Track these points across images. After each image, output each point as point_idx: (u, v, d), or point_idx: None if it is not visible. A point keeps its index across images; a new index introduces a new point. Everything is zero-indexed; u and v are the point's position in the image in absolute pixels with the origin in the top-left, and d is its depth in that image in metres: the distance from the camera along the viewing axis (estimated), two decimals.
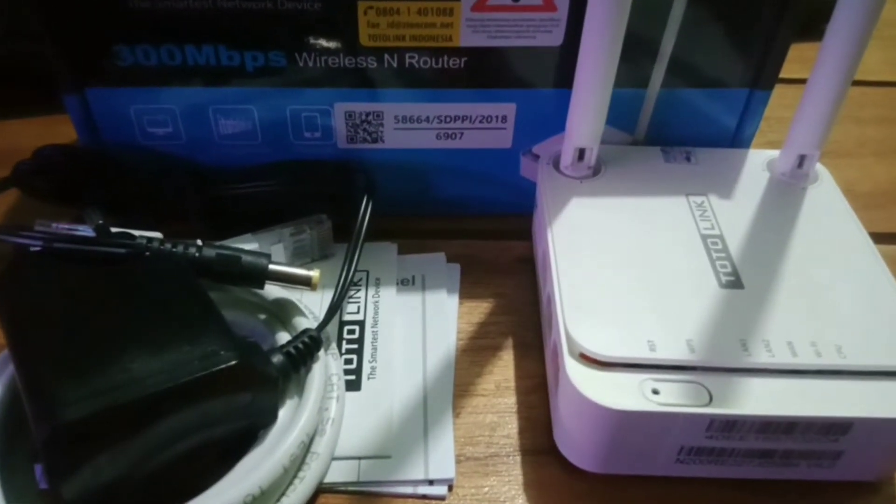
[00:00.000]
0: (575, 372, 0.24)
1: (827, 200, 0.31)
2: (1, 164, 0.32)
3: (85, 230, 0.27)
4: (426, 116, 0.33)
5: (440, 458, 0.26)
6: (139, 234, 0.27)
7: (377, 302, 0.32)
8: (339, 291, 0.28)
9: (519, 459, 0.26)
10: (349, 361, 0.29)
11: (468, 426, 0.27)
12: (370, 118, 0.32)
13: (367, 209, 0.31)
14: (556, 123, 0.33)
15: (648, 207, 0.30)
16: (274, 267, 0.27)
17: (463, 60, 0.31)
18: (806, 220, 0.30)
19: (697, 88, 0.32)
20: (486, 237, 0.36)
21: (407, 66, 0.31)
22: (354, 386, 0.28)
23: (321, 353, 0.26)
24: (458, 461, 0.26)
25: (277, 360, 0.25)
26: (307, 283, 0.27)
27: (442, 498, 0.25)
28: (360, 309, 0.31)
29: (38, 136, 0.35)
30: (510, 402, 0.28)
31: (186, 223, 0.32)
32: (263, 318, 0.28)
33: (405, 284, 0.33)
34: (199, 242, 0.27)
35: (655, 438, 0.24)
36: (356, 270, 0.30)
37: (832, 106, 0.29)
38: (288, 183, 0.33)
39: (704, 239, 0.29)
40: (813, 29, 0.41)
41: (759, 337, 0.24)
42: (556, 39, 0.30)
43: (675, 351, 0.24)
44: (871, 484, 0.26)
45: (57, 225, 0.27)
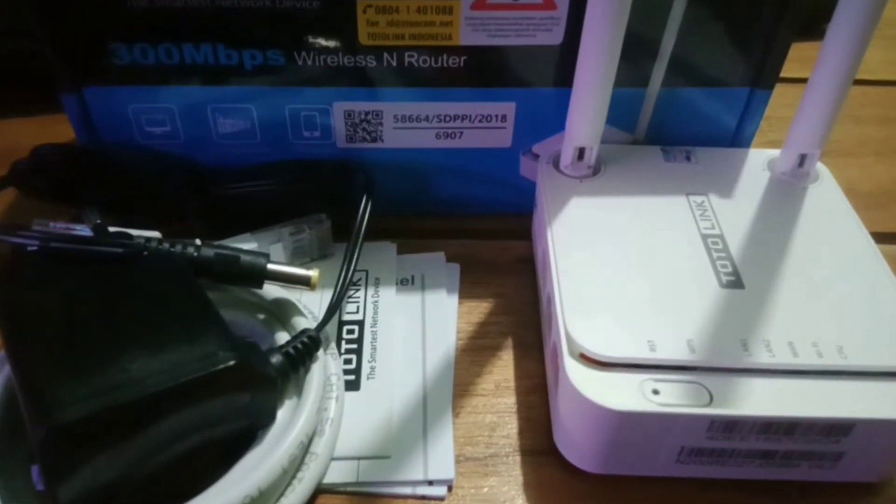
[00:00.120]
0: (575, 372, 0.24)
1: (828, 200, 0.31)
2: None
3: (83, 230, 0.26)
4: (426, 116, 0.32)
5: (439, 458, 0.26)
6: (137, 233, 0.27)
7: (376, 302, 0.32)
8: (338, 291, 0.28)
9: (518, 460, 0.26)
10: (348, 361, 0.29)
11: (468, 426, 0.27)
12: (369, 117, 0.32)
13: (366, 209, 0.31)
14: (555, 123, 0.33)
15: (649, 207, 0.30)
16: (273, 266, 0.27)
17: (462, 59, 0.31)
18: (807, 219, 0.29)
19: (698, 87, 0.32)
20: (485, 237, 0.36)
21: (406, 64, 0.31)
22: (354, 386, 0.28)
23: (320, 353, 0.26)
24: (457, 461, 0.26)
25: (276, 360, 0.25)
26: (306, 282, 0.27)
27: (441, 498, 0.25)
28: (359, 309, 0.31)
29: (35, 135, 0.35)
30: (510, 402, 0.28)
31: (185, 223, 0.32)
32: (262, 317, 0.28)
33: (405, 284, 0.33)
34: (197, 242, 0.27)
35: (656, 439, 0.23)
36: (355, 270, 0.29)
37: (833, 105, 0.29)
38: (287, 182, 0.33)
39: (705, 238, 0.28)
40: (813, 28, 0.41)
41: (759, 337, 0.24)
42: (555, 38, 0.30)
43: (675, 351, 0.24)
44: (872, 485, 0.26)
45: (54, 224, 0.27)
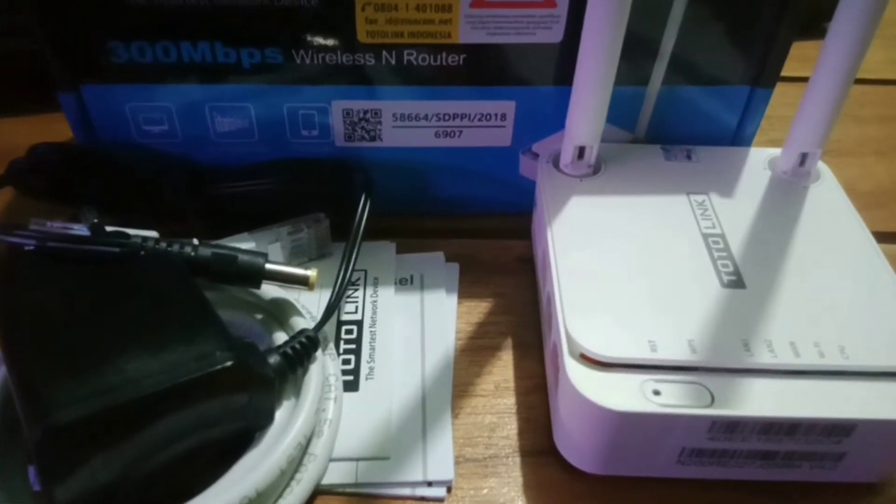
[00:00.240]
0: (575, 372, 0.24)
1: (829, 199, 0.31)
2: None
3: (80, 229, 0.26)
4: (425, 114, 0.32)
5: (439, 459, 0.26)
6: (135, 233, 0.27)
7: (375, 302, 0.31)
8: (336, 291, 0.28)
9: (518, 460, 0.26)
10: (347, 362, 0.29)
11: (467, 427, 0.27)
12: (368, 116, 0.32)
13: (365, 208, 0.31)
14: (555, 121, 0.33)
15: (649, 206, 0.30)
16: (271, 266, 0.27)
17: (462, 57, 0.30)
18: (808, 218, 0.29)
19: (698, 86, 0.32)
20: (485, 236, 0.35)
21: (405, 63, 0.30)
22: (352, 386, 0.28)
23: (318, 353, 0.26)
24: (456, 462, 0.26)
25: (274, 360, 0.25)
26: (304, 282, 0.27)
27: (441, 499, 0.25)
28: (358, 309, 0.31)
29: (33, 134, 0.35)
30: (509, 402, 0.28)
31: (183, 222, 0.31)
32: (260, 318, 0.28)
33: (404, 284, 0.33)
34: (195, 241, 0.27)
35: (656, 440, 0.23)
36: (354, 270, 0.29)
37: (834, 104, 0.29)
38: (285, 182, 0.32)
39: (706, 238, 0.28)
40: (814, 27, 0.41)
41: (761, 337, 0.24)
42: (555, 36, 0.30)
43: (676, 351, 0.24)
44: (873, 485, 0.25)
45: (52, 224, 0.27)
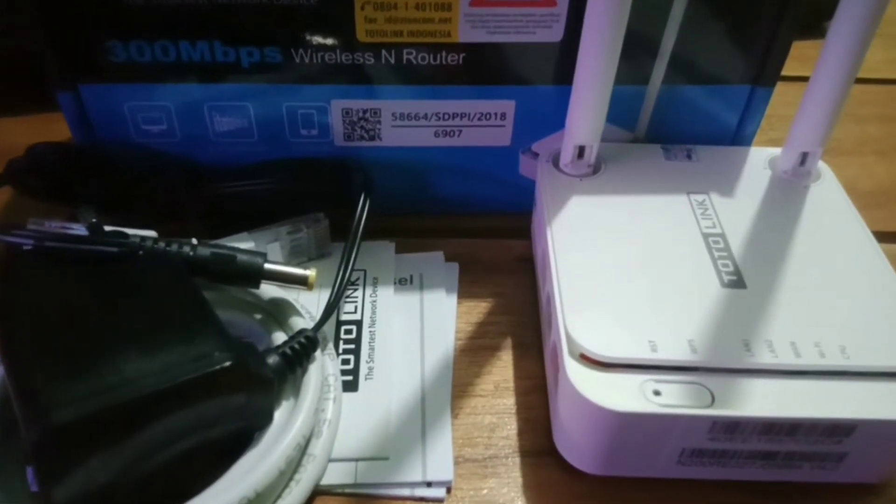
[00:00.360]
0: (575, 373, 0.24)
1: (829, 199, 0.30)
2: None
3: (78, 229, 0.26)
4: (424, 114, 0.32)
5: (438, 459, 0.26)
6: (133, 232, 0.27)
7: (375, 301, 0.31)
8: (336, 291, 0.28)
9: (518, 461, 0.26)
10: (346, 362, 0.29)
11: (466, 427, 0.27)
12: (367, 115, 0.32)
13: (364, 207, 0.31)
14: (555, 121, 0.33)
15: (649, 206, 0.30)
16: (270, 266, 0.27)
17: (461, 56, 0.30)
18: (808, 218, 0.29)
19: (699, 85, 0.32)
20: (484, 236, 0.35)
21: (405, 62, 0.30)
22: (351, 387, 0.28)
23: (318, 353, 0.26)
24: (456, 463, 0.26)
25: (273, 360, 0.24)
26: (303, 282, 0.27)
27: (440, 500, 0.25)
28: (357, 309, 0.31)
29: (31, 133, 0.35)
30: (509, 402, 0.28)
31: (182, 222, 0.31)
32: (259, 318, 0.28)
33: (403, 284, 0.32)
34: (193, 241, 0.27)
35: (657, 440, 0.23)
36: (353, 270, 0.29)
37: (835, 103, 0.29)
38: (284, 181, 0.32)
39: (706, 238, 0.28)
40: (814, 27, 0.41)
41: (761, 337, 0.24)
42: (555, 35, 0.30)
43: (676, 351, 0.24)
44: (874, 486, 0.25)
45: (50, 223, 0.27)
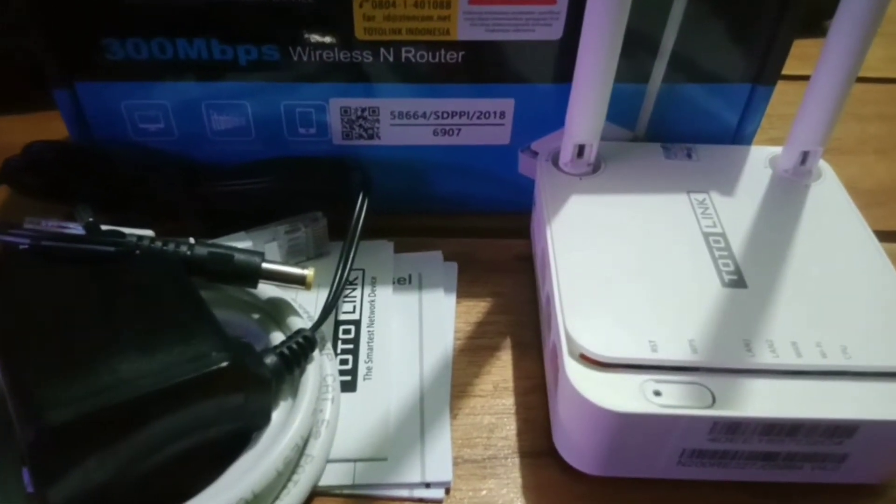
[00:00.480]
0: (575, 373, 0.23)
1: (830, 198, 0.30)
2: None
3: (75, 228, 0.26)
4: (423, 112, 0.32)
5: (437, 460, 0.26)
6: (130, 232, 0.26)
7: (373, 301, 0.31)
8: (334, 290, 0.28)
9: (517, 462, 0.26)
10: (344, 362, 0.29)
11: (465, 428, 0.27)
12: (366, 114, 0.32)
13: (362, 207, 0.30)
14: (555, 119, 0.32)
15: (649, 205, 0.30)
16: (267, 265, 0.27)
17: (460, 54, 0.30)
18: (809, 217, 0.29)
19: (699, 84, 0.32)
20: (483, 235, 0.35)
21: (403, 60, 0.30)
22: (350, 387, 0.28)
23: (316, 353, 0.26)
24: (455, 463, 0.26)
25: (271, 360, 0.24)
26: (301, 281, 0.27)
27: (439, 501, 0.25)
28: (355, 308, 0.31)
29: (29, 132, 0.34)
30: (508, 403, 0.28)
31: (179, 221, 0.31)
32: (257, 317, 0.28)
33: (402, 283, 0.32)
34: (191, 240, 0.27)
35: (657, 441, 0.23)
36: (352, 269, 0.29)
37: (836, 102, 0.29)
38: (282, 180, 0.32)
39: (706, 237, 0.28)
40: (815, 26, 0.41)
41: (762, 337, 0.24)
42: (555, 33, 0.30)
43: (677, 351, 0.24)
44: (875, 487, 0.25)
45: (47, 222, 0.26)
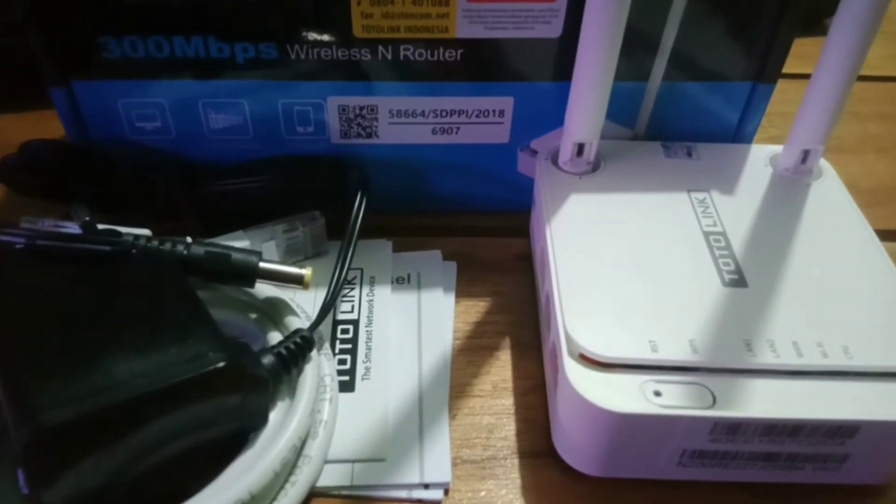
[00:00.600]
0: (574, 373, 0.23)
1: (831, 196, 0.30)
2: None
3: (71, 227, 0.26)
4: (421, 110, 0.32)
5: (436, 461, 0.25)
6: (126, 231, 0.26)
7: (371, 301, 0.31)
8: (332, 290, 0.28)
9: (517, 462, 0.26)
10: (343, 362, 0.29)
11: (464, 428, 0.27)
12: (364, 112, 0.32)
13: (361, 206, 0.30)
14: (554, 118, 0.32)
15: (649, 204, 0.30)
16: (265, 265, 0.27)
17: (459, 52, 0.30)
18: (810, 216, 0.29)
19: (699, 82, 0.32)
20: (482, 234, 0.35)
21: (402, 58, 0.30)
22: (348, 387, 0.28)
23: (313, 353, 0.26)
24: (454, 464, 0.26)
25: (268, 361, 0.24)
26: (299, 281, 0.27)
27: (438, 502, 0.25)
28: (354, 308, 0.31)
29: (26, 130, 0.34)
30: (507, 403, 0.28)
31: (177, 220, 0.31)
32: (254, 317, 0.27)
33: (400, 283, 0.32)
34: (188, 240, 0.27)
35: (657, 441, 0.23)
36: (350, 268, 0.29)
37: (837, 101, 0.29)
38: (280, 179, 0.32)
39: (707, 236, 0.28)
40: (815, 24, 0.41)
41: (763, 337, 0.24)
42: (554, 31, 0.30)
43: (677, 351, 0.23)
44: (876, 488, 0.25)
45: (43, 222, 0.26)
